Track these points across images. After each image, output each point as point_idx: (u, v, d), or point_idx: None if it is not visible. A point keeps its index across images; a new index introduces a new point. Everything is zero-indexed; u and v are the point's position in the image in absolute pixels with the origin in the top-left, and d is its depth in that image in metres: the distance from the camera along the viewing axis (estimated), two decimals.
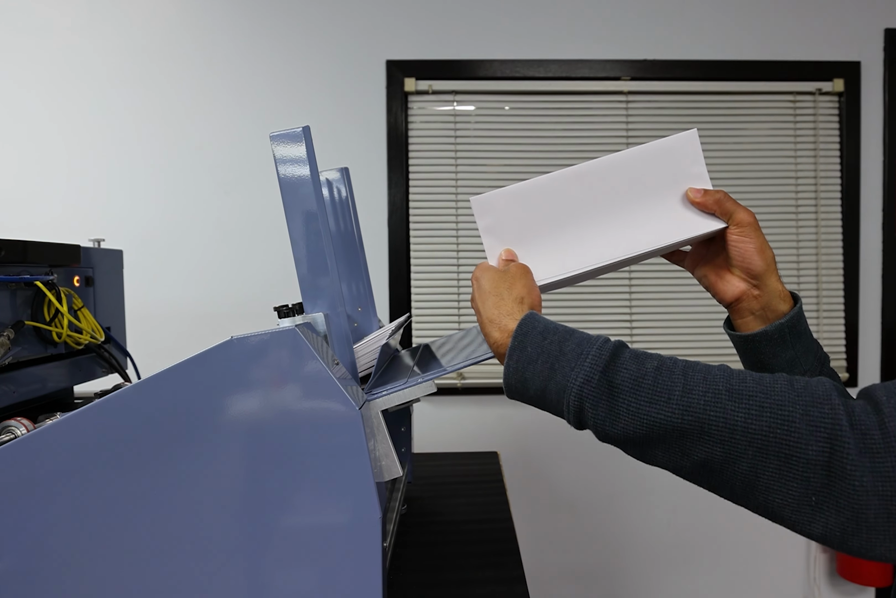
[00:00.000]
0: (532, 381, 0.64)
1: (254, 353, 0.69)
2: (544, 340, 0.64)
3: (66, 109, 2.23)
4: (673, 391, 0.56)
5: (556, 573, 2.32)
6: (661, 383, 0.57)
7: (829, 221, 2.33)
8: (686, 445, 0.56)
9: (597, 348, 0.61)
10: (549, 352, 0.63)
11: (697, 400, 0.55)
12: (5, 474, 0.70)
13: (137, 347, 1.34)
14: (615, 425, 0.58)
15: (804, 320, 0.77)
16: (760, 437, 0.53)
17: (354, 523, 0.69)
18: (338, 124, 2.26)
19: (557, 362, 0.62)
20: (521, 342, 0.65)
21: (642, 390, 0.57)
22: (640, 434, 0.57)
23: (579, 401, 0.60)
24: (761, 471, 0.53)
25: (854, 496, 0.50)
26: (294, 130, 0.76)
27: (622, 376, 0.59)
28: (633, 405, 0.57)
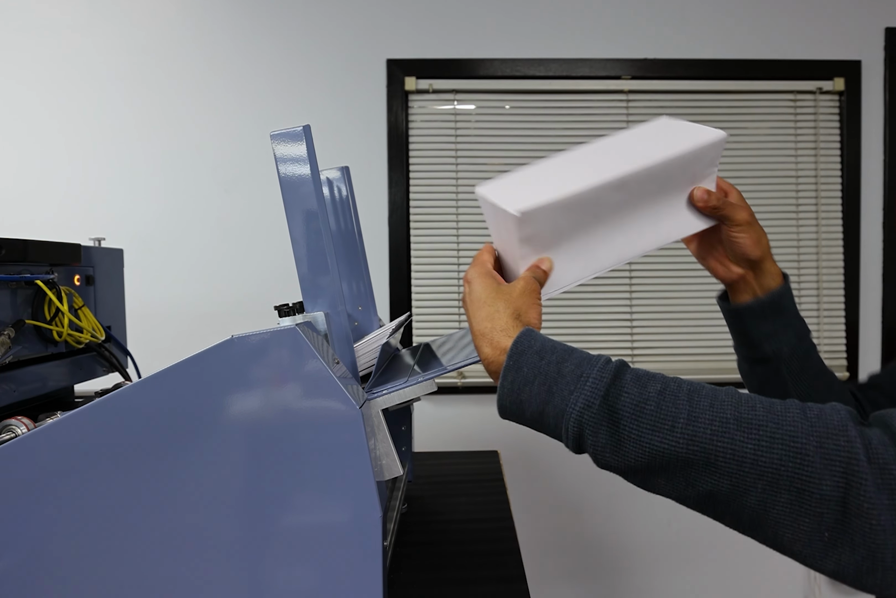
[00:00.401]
0: (528, 403, 0.61)
1: (254, 352, 0.69)
2: (541, 360, 0.61)
3: (67, 108, 2.23)
4: (678, 419, 0.54)
5: (557, 572, 2.32)
6: (665, 410, 0.54)
7: (829, 220, 2.33)
8: (691, 475, 0.53)
9: (597, 370, 0.58)
10: (547, 373, 0.60)
11: (703, 429, 0.53)
12: (6, 472, 0.70)
13: (138, 346, 1.34)
14: (616, 454, 0.56)
15: (788, 299, 0.81)
16: (771, 470, 0.50)
17: (355, 522, 0.69)
18: (338, 123, 2.26)
19: (556, 385, 0.59)
20: (517, 362, 0.62)
21: (644, 416, 0.54)
22: (643, 463, 0.55)
23: (579, 427, 0.57)
24: (771, 505, 0.51)
25: (871, 535, 0.47)
26: (294, 129, 0.76)
27: (623, 400, 0.56)
28: (635, 433, 0.54)
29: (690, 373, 2.27)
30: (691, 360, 2.30)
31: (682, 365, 2.29)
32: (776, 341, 0.82)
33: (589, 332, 2.30)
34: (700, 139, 0.73)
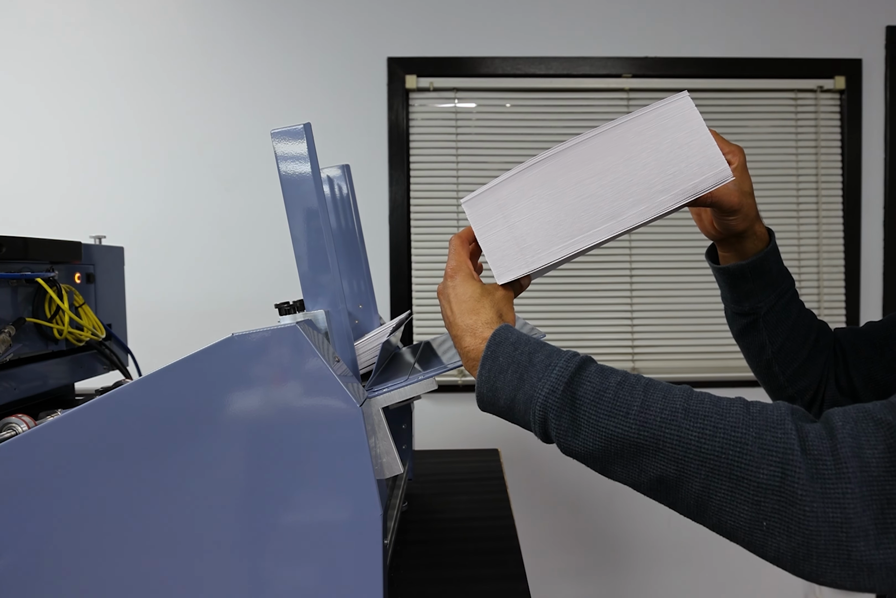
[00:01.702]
0: (502, 390, 0.64)
1: (255, 350, 0.69)
2: (515, 350, 0.64)
3: (68, 106, 2.23)
4: (631, 406, 0.57)
5: (557, 570, 2.32)
6: (622, 398, 0.57)
7: (830, 218, 2.33)
8: (642, 461, 0.56)
9: (564, 360, 0.61)
10: (520, 362, 0.63)
11: (654, 417, 0.56)
12: (6, 470, 0.70)
13: (138, 344, 1.34)
14: (576, 438, 0.59)
15: (772, 261, 0.84)
16: (713, 457, 0.53)
17: (355, 520, 0.69)
18: (339, 121, 2.25)
19: (526, 373, 0.63)
20: (494, 352, 0.65)
21: (603, 403, 0.58)
22: (599, 447, 0.58)
23: (544, 411, 0.60)
24: (713, 492, 0.53)
25: (804, 522, 0.50)
26: (295, 127, 0.76)
27: (585, 388, 0.59)
28: (593, 418, 0.58)
29: (691, 372, 2.27)
30: (691, 359, 2.29)
31: (683, 364, 2.29)
32: (755, 300, 0.86)
33: (589, 331, 2.30)
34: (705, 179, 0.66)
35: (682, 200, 0.67)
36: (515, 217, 0.71)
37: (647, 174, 0.67)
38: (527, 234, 0.71)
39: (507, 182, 0.72)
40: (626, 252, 2.29)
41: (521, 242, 0.71)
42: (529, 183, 0.71)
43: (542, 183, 0.70)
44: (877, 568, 0.48)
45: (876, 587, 0.50)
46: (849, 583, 0.50)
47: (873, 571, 0.49)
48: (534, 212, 0.70)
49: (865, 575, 0.49)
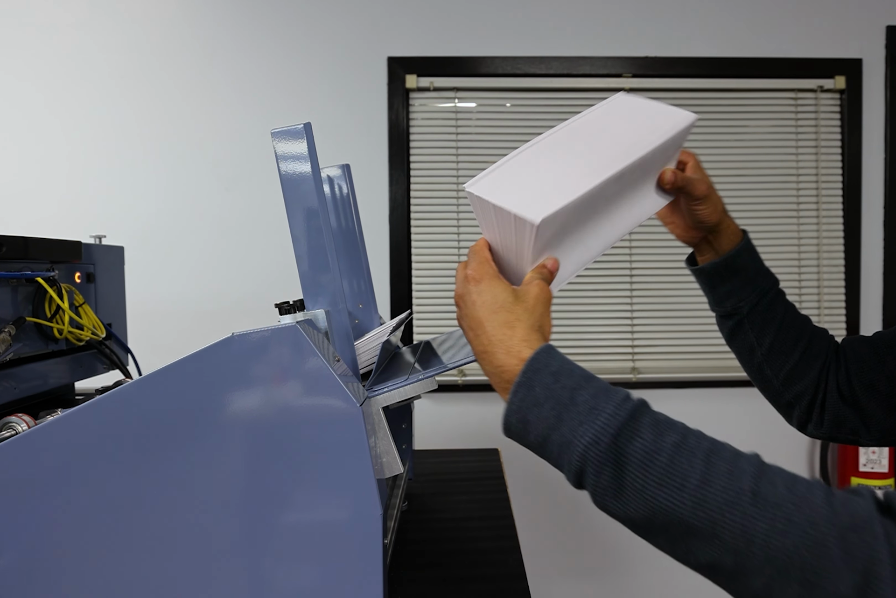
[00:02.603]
0: (534, 426, 0.57)
1: (255, 349, 0.69)
2: (556, 382, 0.56)
3: (68, 106, 2.23)
4: (688, 478, 0.49)
5: (557, 570, 2.32)
6: (678, 466, 0.50)
7: (830, 218, 2.33)
8: (693, 544, 0.49)
9: (614, 405, 0.54)
10: (559, 398, 0.55)
11: (715, 496, 0.48)
12: (6, 470, 0.70)
13: (139, 343, 1.33)
14: (616, 500, 0.52)
15: (745, 257, 0.85)
16: (783, 556, 0.45)
17: (355, 519, 0.69)
18: (339, 121, 2.25)
19: (566, 412, 0.55)
20: (530, 380, 0.57)
21: (654, 467, 0.50)
22: (643, 516, 0.51)
23: (582, 463, 0.53)
24: (778, 594, 0.46)
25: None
26: (295, 127, 0.76)
27: (635, 445, 0.51)
28: (640, 483, 0.50)
29: (690, 372, 2.28)
30: (691, 359, 2.29)
31: (683, 364, 2.29)
32: (735, 299, 0.86)
33: (590, 331, 2.30)
34: (678, 123, 0.74)
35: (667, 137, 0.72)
36: (524, 178, 0.69)
37: (631, 133, 0.73)
38: (543, 184, 0.67)
39: (507, 163, 0.71)
40: (626, 253, 2.30)
41: (540, 190, 0.66)
42: (529, 157, 0.71)
43: (539, 155, 0.71)
44: None
45: None
46: None
47: None
48: (541, 172, 0.69)
49: None
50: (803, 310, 0.89)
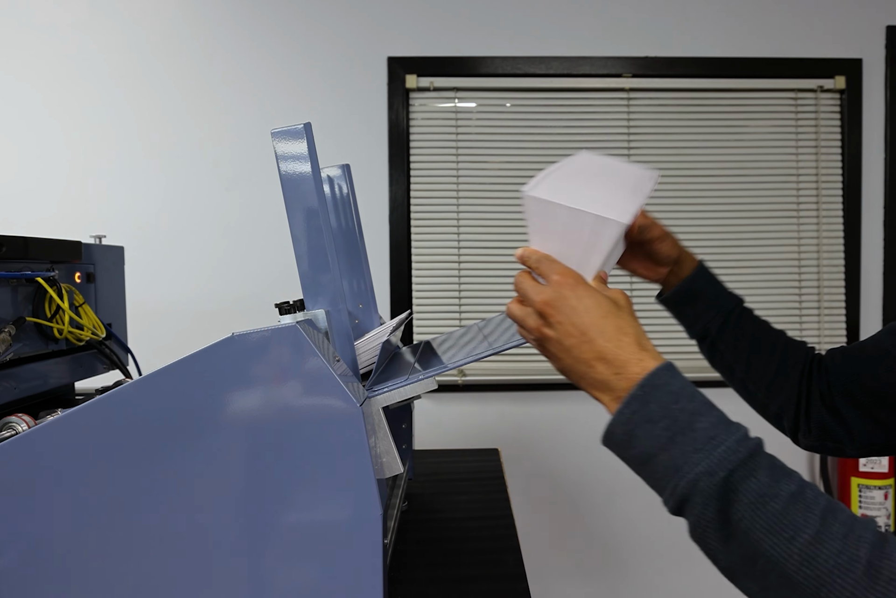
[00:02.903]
0: (642, 442, 0.55)
1: (255, 349, 0.69)
2: (675, 403, 0.55)
3: (68, 106, 2.23)
4: (801, 532, 0.47)
5: (557, 569, 2.32)
6: (792, 516, 0.48)
7: (830, 218, 2.33)
8: (786, 594, 0.47)
9: (735, 440, 0.52)
10: (676, 420, 0.54)
11: (827, 558, 0.46)
12: (6, 470, 0.70)
13: (138, 343, 1.33)
14: (718, 535, 0.51)
15: (702, 282, 0.90)
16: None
17: (355, 519, 0.69)
18: (339, 121, 2.25)
19: (682, 436, 0.53)
20: (646, 394, 0.55)
21: (766, 512, 0.48)
22: (741, 558, 0.49)
23: (689, 491, 0.51)
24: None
25: None
26: (295, 127, 0.76)
27: (750, 485, 0.50)
28: (747, 524, 0.49)
29: (690, 372, 2.26)
30: (691, 359, 2.29)
31: (682, 364, 2.28)
32: (702, 321, 0.90)
33: None
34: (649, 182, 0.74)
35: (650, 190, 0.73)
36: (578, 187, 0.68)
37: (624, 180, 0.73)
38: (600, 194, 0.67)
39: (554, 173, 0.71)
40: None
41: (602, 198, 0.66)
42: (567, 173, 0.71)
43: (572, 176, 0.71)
44: None
45: None
46: None
47: None
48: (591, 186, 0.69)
49: None
50: (803, 310, 0.91)
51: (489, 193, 2.29)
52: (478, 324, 1.14)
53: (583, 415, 2.30)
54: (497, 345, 0.83)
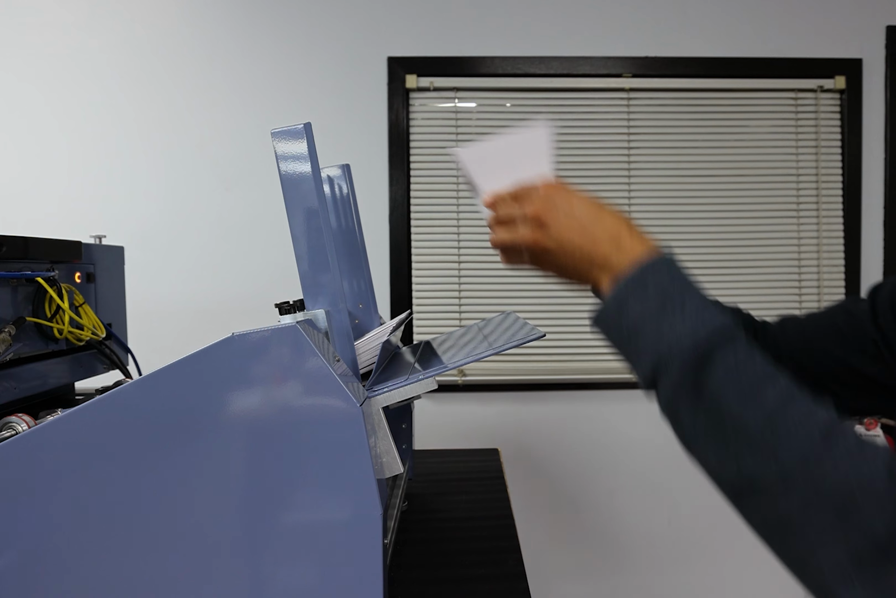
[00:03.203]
0: (633, 313, 0.57)
1: (255, 349, 0.69)
2: (671, 283, 0.57)
3: (68, 105, 2.23)
4: (769, 399, 0.50)
5: (557, 569, 2.32)
6: (764, 387, 0.51)
7: (830, 218, 2.33)
8: (746, 456, 0.49)
9: (722, 321, 0.54)
10: (670, 296, 0.56)
11: (791, 422, 0.49)
12: (6, 470, 0.70)
13: (139, 343, 1.33)
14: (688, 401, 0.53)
15: None
16: (833, 483, 0.46)
17: (355, 519, 0.69)
18: (339, 121, 2.25)
19: (673, 309, 0.55)
20: (646, 277, 0.58)
21: (740, 381, 0.51)
22: (708, 423, 0.51)
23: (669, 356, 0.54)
24: (810, 517, 0.47)
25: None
26: (295, 127, 0.76)
27: (729, 359, 0.52)
28: (720, 390, 0.51)
29: None
30: None
31: None
32: None
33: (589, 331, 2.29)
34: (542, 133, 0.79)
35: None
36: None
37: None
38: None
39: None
40: None
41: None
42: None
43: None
44: None
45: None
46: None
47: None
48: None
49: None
50: (803, 310, 0.89)
51: None
52: (478, 324, 1.14)
53: (583, 415, 2.30)
54: (497, 345, 0.83)
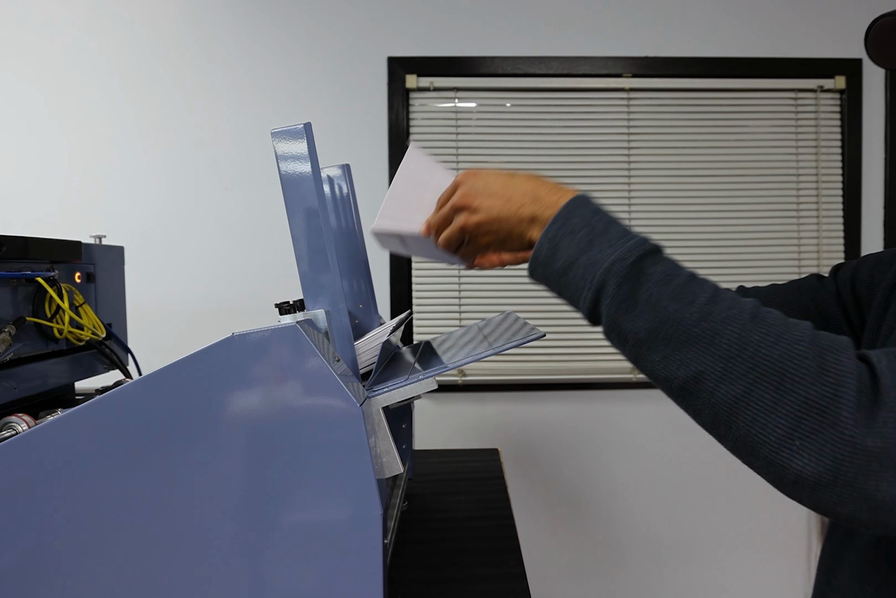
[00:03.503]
0: (565, 251, 0.61)
1: (255, 349, 0.69)
2: (594, 216, 0.62)
3: (68, 105, 2.23)
4: (699, 296, 0.55)
5: (557, 569, 2.32)
6: (691, 287, 0.56)
7: (830, 218, 2.33)
8: (689, 353, 0.53)
9: (642, 237, 0.59)
10: (595, 228, 0.61)
11: (720, 312, 0.54)
12: (6, 470, 0.70)
13: (139, 343, 1.34)
14: (628, 313, 0.56)
15: None
16: (768, 364, 0.51)
17: (355, 519, 0.69)
18: (339, 121, 2.25)
19: (598, 238, 0.60)
20: (569, 213, 0.63)
21: (670, 286, 0.56)
22: (649, 328, 0.55)
23: (604, 277, 0.58)
24: (755, 399, 0.51)
25: (840, 446, 0.48)
26: (295, 127, 0.76)
27: (656, 268, 0.57)
28: (655, 296, 0.55)
29: None
30: None
31: None
32: None
33: (589, 330, 2.30)
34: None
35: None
36: None
37: None
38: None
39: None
40: None
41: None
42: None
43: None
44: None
45: (891, 524, 0.49)
46: (865, 516, 0.49)
47: (894, 508, 0.48)
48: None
49: (885, 511, 0.48)
50: None
51: None
52: (478, 324, 1.14)
53: (583, 415, 2.30)
54: (497, 345, 0.83)
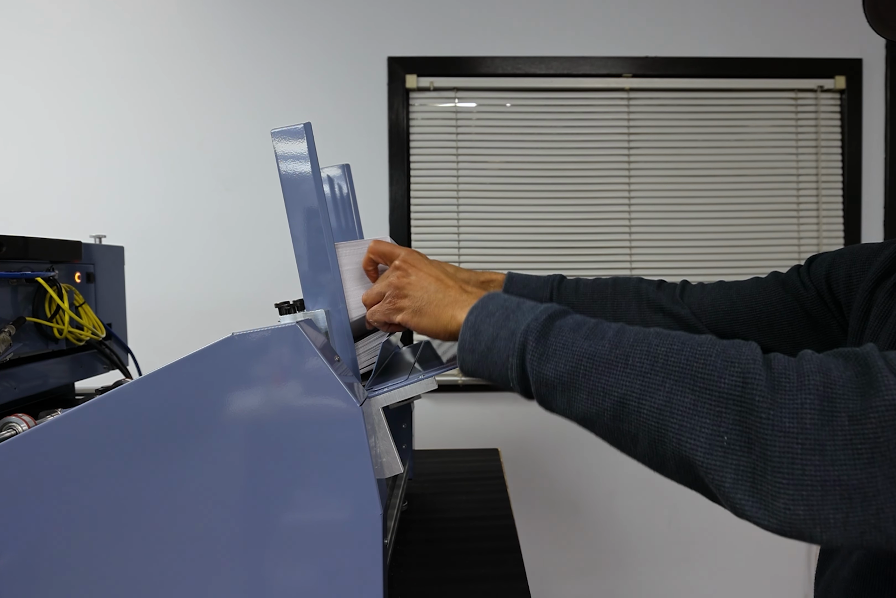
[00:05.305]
0: (485, 333, 0.66)
1: (255, 349, 0.69)
2: (506, 301, 0.68)
3: (67, 106, 2.23)
4: (608, 332, 0.60)
5: (557, 569, 2.32)
6: (600, 328, 0.61)
7: (830, 219, 2.33)
8: (609, 381, 0.57)
9: (552, 304, 0.66)
10: (508, 307, 0.67)
11: (628, 338, 0.59)
12: (6, 470, 0.70)
13: (139, 343, 1.34)
14: (550, 361, 0.60)
15: (514, 290, 1.06)
16: (678, 369, 0.54)
17: (355, 519, 0.69)
18: (339, 121, 2.25)
19: (514, 313, 0.66)
20: (484, 303, 0.69)
21: (581, 330, 0.61)
22: (569, 369, 0.59)
23: (524, 338, 0.62)
24: (676, 405, 0.53)
25: (761, 431, 0.49)
26: (295, 127, 0.76)
27: (567, 320, 0.63)
28: (570, 340, 0.60)
29: None
30: None
31: None
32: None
33: None
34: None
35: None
36: None
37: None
38: None
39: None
40: (626, 252, 2.30)
41: None
42: None
43: None
44: (830, 486, 0.47)
45: (829, 514, 0.47)
46: (802, 507, 0.48)
47: (826, 490, 0.47)
48: None
49: (819, 495, 0.47)
50: None
51: (489, 193, 2.29)
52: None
53: None
54: None
